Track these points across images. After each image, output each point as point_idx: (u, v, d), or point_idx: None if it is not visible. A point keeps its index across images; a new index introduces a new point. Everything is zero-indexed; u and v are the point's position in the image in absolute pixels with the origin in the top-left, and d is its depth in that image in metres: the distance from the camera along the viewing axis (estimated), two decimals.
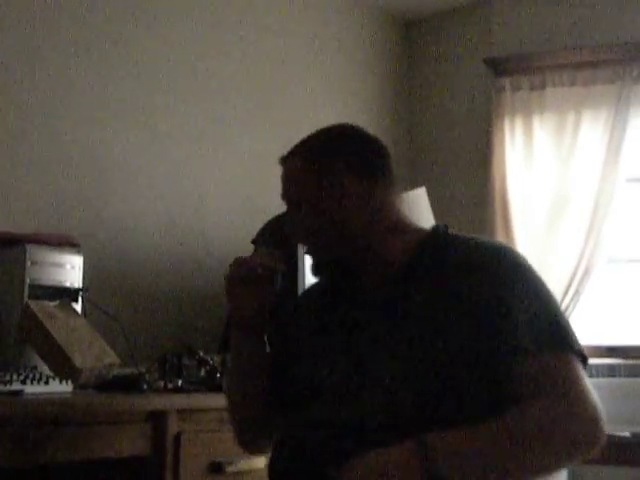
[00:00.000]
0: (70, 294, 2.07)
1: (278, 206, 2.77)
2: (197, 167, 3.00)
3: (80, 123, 2.57)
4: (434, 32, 4.32)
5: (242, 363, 1.57)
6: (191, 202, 2.96)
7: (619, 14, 3.89)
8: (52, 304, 2.01)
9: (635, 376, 3.70)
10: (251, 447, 1.65)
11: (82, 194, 2.56)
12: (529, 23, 4.08)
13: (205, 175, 3.03)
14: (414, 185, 3.91)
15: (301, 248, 2.12)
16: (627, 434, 3.69)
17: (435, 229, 1.55)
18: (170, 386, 2.13)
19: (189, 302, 2.84)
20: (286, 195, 1.56)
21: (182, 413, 1.91)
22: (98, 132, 2.63)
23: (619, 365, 3.76)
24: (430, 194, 3.77)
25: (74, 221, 2.48)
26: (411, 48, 4.36)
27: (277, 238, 2.56)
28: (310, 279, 1.64)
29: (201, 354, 2.28)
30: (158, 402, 1.89)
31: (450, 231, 1.54)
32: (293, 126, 3.43)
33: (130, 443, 1.82)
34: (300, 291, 2.61)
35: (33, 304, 1.93)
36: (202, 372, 2.25)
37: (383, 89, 4.16)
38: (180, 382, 2.15)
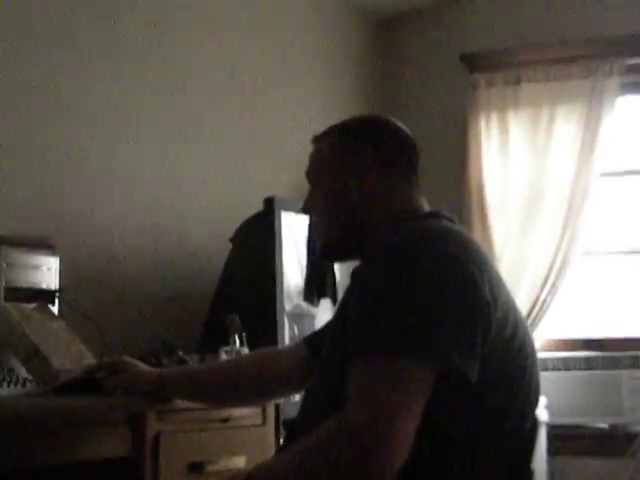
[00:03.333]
0: (47, 296, 2.05)
1: (257, 206, 2.78)
2: (174, 167, 2.99)
3: (57, 124, 2.55)
4: (409, 30, 4.33)
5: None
6: (169, 202, 2.96)
7: (592, 10, 3.93)
8: (29, 306, 2.00)
9: (612, 368, 3.73)
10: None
11: (58, 195, 2.54)
12: (503, 20, 4.11)
13: (182, 175, 3.03)
14: None
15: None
16: (605, 426, 3.73)
17: (426, 216, 1.53)
18: None
19: (167, 302, 2.84)
20: (309, 172, 1.59)
21: (161, 413, 1.90)
22: (75, 133, 2.61)
23: (596, 357, 3.79)
24: None
25: (50, 223, 2.46)
26: (386, 46, 4.37)
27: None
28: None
29: (180, 354, 2.28)
30: (137, 403, 1.89)
31: (443, 222, 1.48)
32: (271, 126, 3.43)
33: (109, 444, 1.81)
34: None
35: (10, 306, 1.92)
36: None
37: (358, 87, 4.16)
38: None
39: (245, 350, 2.28)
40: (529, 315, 3.82)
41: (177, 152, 3.00)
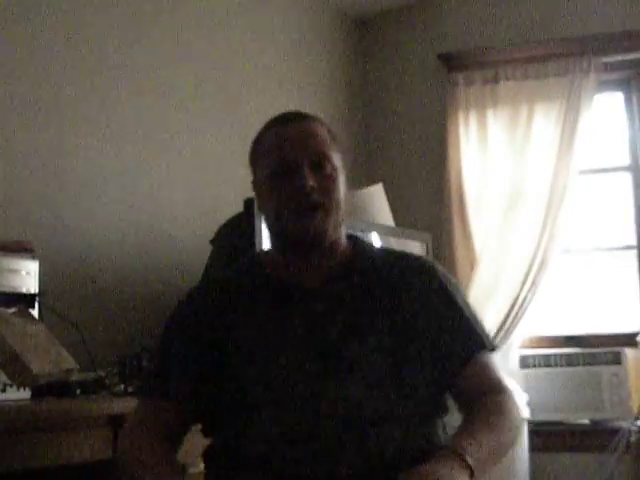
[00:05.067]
0: (26, 300, 2.04)
1: (237, 207, 2.78)
2: (154, 169, 2.98)
3: (35, 127, 2.54)
4: (387, 29, 4.34)
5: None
6: (149, 204, 2.95)
7: (569, 9, 3.95)
8: (9, 310, 1.98)
9: (592, 364, 3.76)
10: None
11: (37, 199, 2.53)
12: (481, 19, 4.13)
13: (163, 177, 3.02)
14: (371, 182, 3.93)
15: None
16: (586, 421, 3.75)
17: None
18: (130, 389, 2.12)
19: (148, 304, 2.83)
20: (320, 152, 1.49)
21: None
22: (54, 136, 2.60)
23: (577, 354, 3.81)
24: (387, 190, 3.79)
25: (29, 226, 2.45)
26: (364, 45, 4.38)
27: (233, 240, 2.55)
28: None
29: None
30: (118, 406, 1.88)
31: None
32: (249, 126, 3.42)
33: (91, 448, 1.81)
34: None
35: None
36: None
37: (337, 87, 4.17)
38: None
39: None
40: (510, 312, 3.85)
41: (156, 153, 2.99)
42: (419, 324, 1.46)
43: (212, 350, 1.47)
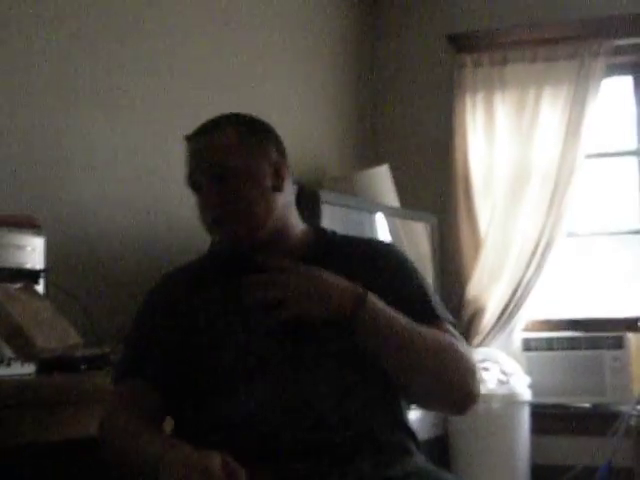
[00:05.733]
0: (31, 276, 2.05)
1: None
2: (161, 148, 2.98)
3: (40, 103, 2.54)
4: (396, 9, 4.32)
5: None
6: (156, 182, 2.95)
7: None
8: (14, 286, 1.99)
9: (595, 348, 3.77)
10: None
11: (43, 175, 2.53)
12: (491, 0, 4.10)
13: (168, 155, 3.02)
14: (377, 162, 3.93)
15: None
16: (587, 405, 3.77)
17: (314, 225, 1.66)
18: None
19: (152, 281, 2.83)
20: (218, 164, 1.52)
21: None
22: (59, 112, 2.60)
23: (580, 338, 3.82)
24: (393, 171, 3.79)
25: (35, 202, 2.45)
26: (373, 25, 4.35)
27: None
28: None
29: None
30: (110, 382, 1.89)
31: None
32: (256, 106, 3.42)
33: (96, 423, 1.82)
34: None
35: None
36: None
37: (345, 67, 4.15)
38: None
39: None
40: (513, 295, 3.85)
41: (161, 130, 2.99)
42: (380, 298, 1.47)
43: (181, 334, 1.49)
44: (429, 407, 1.56)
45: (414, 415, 3.38)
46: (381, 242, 1.75)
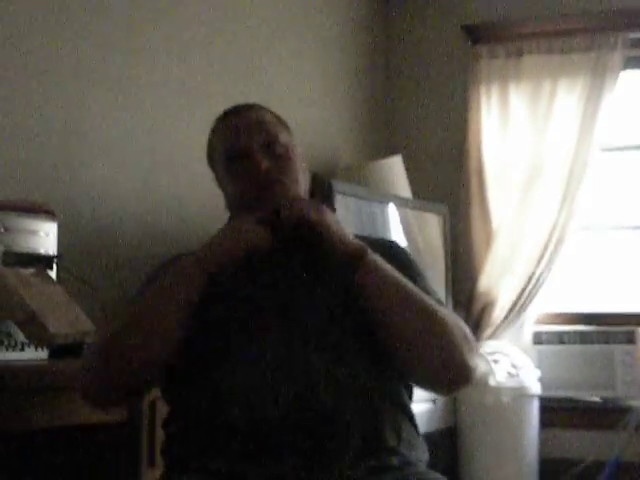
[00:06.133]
0: (45, 261, 2.05)
1: None
2: (175, 134, 2.97)
3: (54, 89, 2.54)
4: None
5: (185, 291, 1.43)
6: (167, 168, 2.95)
7: None
8: (27, 271, 2.00)
9: (606, 343, 3.76)
10: (120, 394, 1.48)
11: (56, 160, 2.53)
12: None
13: (182, 142, 3.01)
14: (390, 153, 3.92)
15: None
16: (597, 399, 3.76)
17: None
18: None
19: None
20: (271, 134, 1.57)
21: None
22: (73, 98, 2.60)
23: (591, 332, 3.81)
24: (406, 161, 3.78)
25: (49, 188, 2.46)
26: (388, 15, 4.33)
27: None
28: None
29: None
30: None
31: None
32: (270, 92, 3.41)
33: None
34: None
35: (7, 271, 1.92)
36: None
37: (359, 56, 4.14)
38: None
39: None
40: (525, 288, 3.84)
41: (178, 117, 2.99)
42: None
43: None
44: (420, 378, 1.47)
45: (423, 407, 3.39)
46: (382, 239, 1.78)
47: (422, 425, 1.52)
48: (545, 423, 3.72)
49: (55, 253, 2.08)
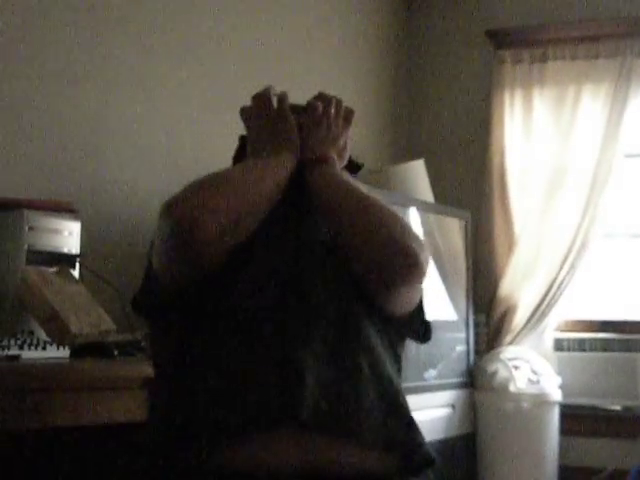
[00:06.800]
0: (68, 260, 2.07)
1: None
2: (196, 133, 2.99)
3: (78, 88, 2.55)
4: (436, 3, 4.29)
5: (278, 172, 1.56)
6: (194, 166, 2.95)
7: None
8: (50, 270, 2.01)
9: (628, 351, 3.73)
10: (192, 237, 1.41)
11: (80, 160, 2.55)
12: None
13: (204, 141, 3.02)
14: (413, 157, 3.91)
15: None
16: (618, 407, 3.73)
17: None
18: None
19: None
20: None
21: None
22: (96, 97, 2.61)
23: (613, 340, 3.78)
24: (428, 166, 3.77)
25: (72, 187, 2.47)
26: (412, 20, 4.33)
27: None
28: None
29: None
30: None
31: None
32: (294, 87, 3.41)
33: (125, 409, 1.83)
34: None
35: (31, 270, 1.94)
36: None
37: (383, 61, 4.14)
38: None
39: None
40: (547, 294, 3.82)
41: (199, 118, 3.00)
42: None
43: None
44: (368, 262, 1.42)
45: (442, 412, 3.38)
46: None
47: (441, 431, 1.51)
48: (565, 431, 3.69)
49: (78, 252, 2.09)
